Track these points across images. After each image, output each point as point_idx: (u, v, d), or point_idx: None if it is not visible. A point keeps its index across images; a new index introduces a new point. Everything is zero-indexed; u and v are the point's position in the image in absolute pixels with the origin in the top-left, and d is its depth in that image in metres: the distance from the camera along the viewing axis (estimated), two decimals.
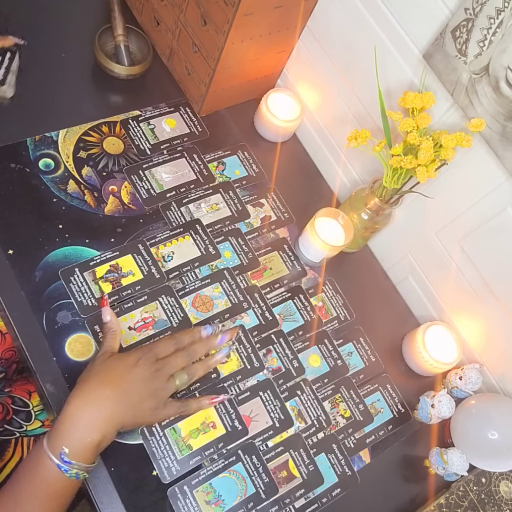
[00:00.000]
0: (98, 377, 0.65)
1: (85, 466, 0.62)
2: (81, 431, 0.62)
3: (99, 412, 0.63)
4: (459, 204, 0.80)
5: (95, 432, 0.62)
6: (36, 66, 0.91)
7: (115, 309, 0.78)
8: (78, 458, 0.61)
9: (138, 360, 0.67)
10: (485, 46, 0.66)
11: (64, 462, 0.60)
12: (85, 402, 0.63)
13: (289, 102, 0.97)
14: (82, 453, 0.61)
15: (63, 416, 0.62)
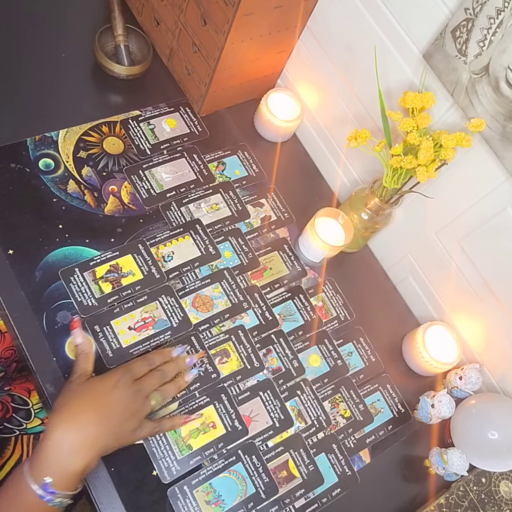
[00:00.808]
0: (78, 401, 0.64)
1: (68, 494, 0.61)
2: (64, 460, 0.60)
3: (82, 439, 0.61)
4: (459, 204, 0.80)
5: (80, 460, 0.60)
6: (36, 66, 0.91)
7: (115, 309, 0.78)
8: (62, 487, 0.60)
9: (117, 381, 0.66)
10: (485, 46, 0.66)
11: (47, 492, 0.59)
12: (68, 428, 0.61)
13: (289, 102, 0.97)
14: (66, 481, 0.60)
15: (45, 444, 0.60)
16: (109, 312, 0.78)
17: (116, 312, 0.78)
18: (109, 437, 0.63)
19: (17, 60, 0.91)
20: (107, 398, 0.65)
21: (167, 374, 0.71)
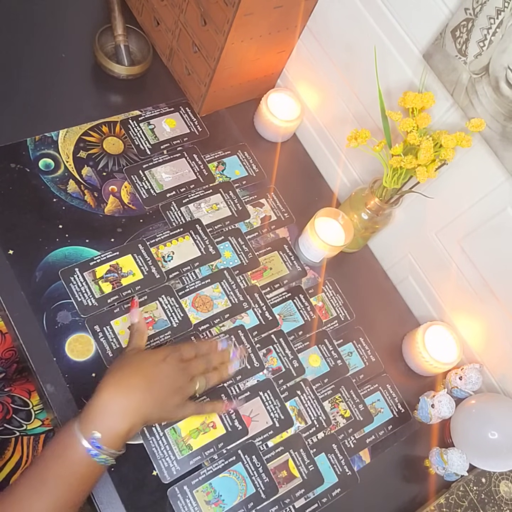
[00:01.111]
0: (128, 368, 0.67)
1: (113, 452, 0.63)
2: (112, 418, 0.63)
3: (129, 401, 0.64)
4: (459, 204, 0.80)
5: (125, 420, 0.63)
6: (36, 66, 0.91)
7: (115, 309, 0.78)
8: (108, 444, 0.62)
9: (166, 357, 0.69)
10: (485, 46, 0.66)
11: (95, 446, 0.61)
12: (117, 390, 0.64)
13: (289, 102, 0.97)
14: (112, 439, 0.62)
15: (94, 402, 0.63)
16: (109, 312, 0.78)
17: (116, 312, 0.78)
18: (153, 406, 0.66)
19: (17, 60, 0.91)
20: (156, 370, 0.68)
21: (211, 362, 0.74)
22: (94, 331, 0.76)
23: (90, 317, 0.77)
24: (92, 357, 0.75)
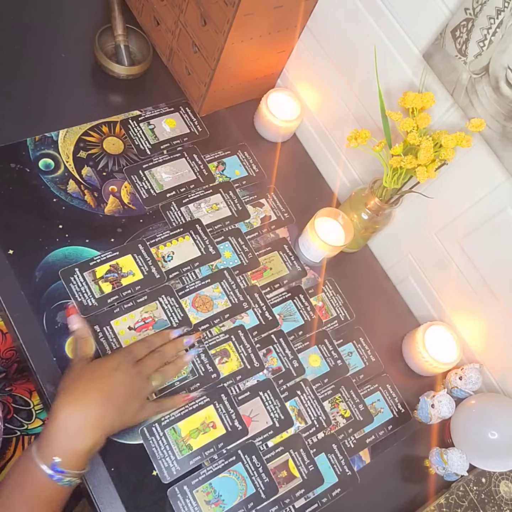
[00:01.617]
0: (81, 382, 0.65)
1: (77, 473, 0.62)
2: (71, 439, 0.61)
3: (87, 418, 0.62)
4: (459, 204, 0.80)
5: (86, 439, 0.62)
6: (36, 66, 0.91)
7: (115, 309, 0.78)
8: (70, 466, 0.61)
9: (119, 363, 0.68)
10: (485, 46, 0.66)
11: (57, 471, 0.60)
12: (73, 409, 0.62)
13: (289, 102, 0.97)
14: (74, 461, 0.61)
15: (51, 425, 0.62)
16: (109, 312, 0.78)
17: (116, 312, 0.78)
18: (114, 417, 0.65)
19: (17, 60, 0.91)
20: (110, 379, 0.66)
21: (166, 354, 0.73)
22: (94, 331, 0.76)
23: (90, 317, 0.77)
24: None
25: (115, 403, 0.65)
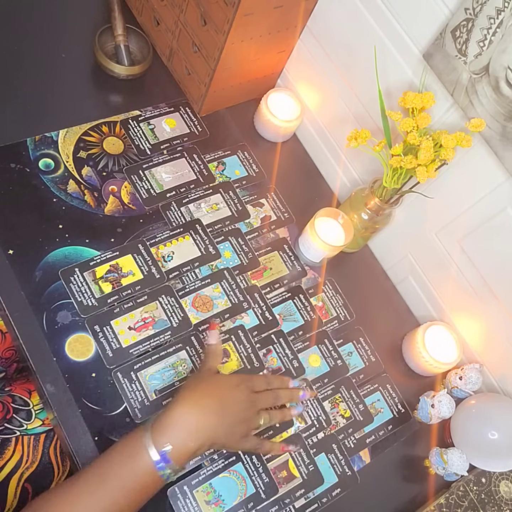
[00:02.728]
0: (205, 388, 0.67)
1: (178, 469, 0.63)
2: (185, 434, 0.63)
3: (203, 420, 0.64)
4: (459, 204, 0.80)
5: (196, 439, 0.63)
6: (36, 66, 0.91)
7: (115, 309, 0.78)
8: (176, 459, 0.62)
9: (240, 384, 0.70)
10: (485, 46, 0.66)
11: (163, 459, 0.61)
12: (193, 407, 0.64)
13: (289, 102, 0.97)
14: (181, 455, 0.62)
15: (167, 416, 0.63)
16: (109, 312, 0.78)
17: (116, 312, 0.78)
18: (222, 430, 0.66)
19: (17, 60, 0.91)
20: (230, 394, 0.68)
21: (280, 398, 0.74)
22: (94, 331, 0.76)
23: (90, 317, 0.77)
24: (92, 357, 0.75)
25: (228, 417, 0.66)
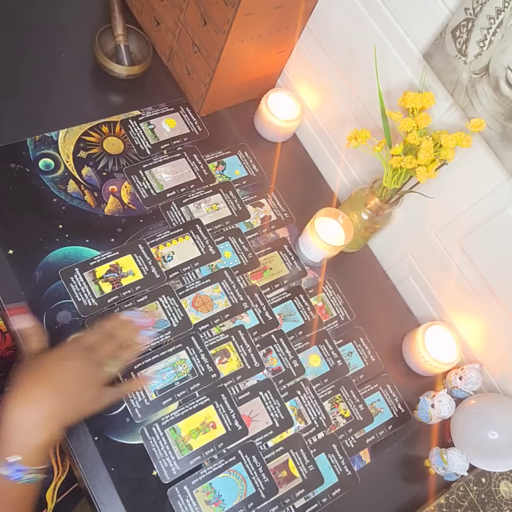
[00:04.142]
0: (30, 378, 0.63)
1: (39, 469, 0.60)
2: (25, 436, 0.60)
3: (38, 414, 0.61)
4: (459, 204, 0.80)
5: (40, 434, 0.61)
6: (36, 66, 0.91)
7: (115, 309, 0.78)
8: (31, 462, 0.59)
9: (67, 353, 0.66)
10: (485, 46, 0.66)
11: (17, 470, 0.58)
12: (21, 407, 0.61)
13: (289, 102, 0.97)
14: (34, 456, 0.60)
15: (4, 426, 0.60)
16: (109, 312, 0.78)
17: (116, 312, 0.78)
18: (67, 408, 0.63)
19: (17, 60, 0.91)
20: (58, 371, 0.64)
21: (118, 338, 0.70)
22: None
23: (90, 317, 0.77)
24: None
25: (65, 395, 0.63)
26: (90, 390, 0.65)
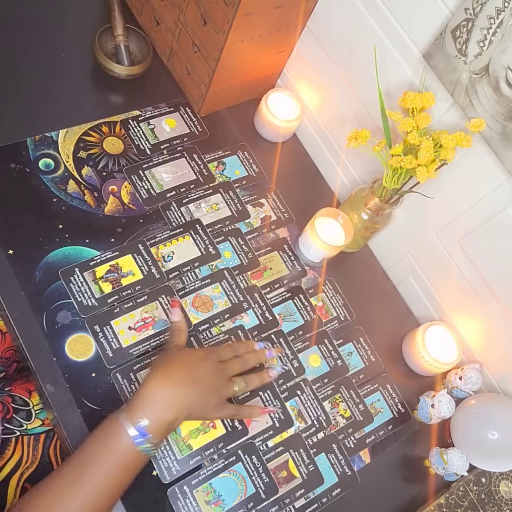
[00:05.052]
0: (173, 362, 0.69)
1: (157, 442, 0.64)
2: (159, 407, 0.65)
3: (175, 392, 0.66)
4: (459, 204, 0.80)
5: (171, 412, 0.65)
6: (36, 66, 0.91)
7: (115, 309, 0.78)
8: (154, 432, 0.64)
9: (206, 356, 0.72)
10: (485, 46, 0.66)
11: (141, 434, 0.62)
12: (164, 381, 0.67)
13: (289, 102, 0.97)
14: (158, 428, 0.64)
15: (140, 393, 0.65)
16: (109, 312, 0.78)
17: (116, 312, 0.78)
18: (196, 401, 0.68)
19: (17, 60, 0.91)
20: (198, 366, 0.70)
21: (247, 362, 0.75)
22: (94, 331, 0.76)
23: (90, 317, 0.77)
24: (92, 357, 0.75)
25: (199, 388, 0.68)
26: (216, 396, 0.70)
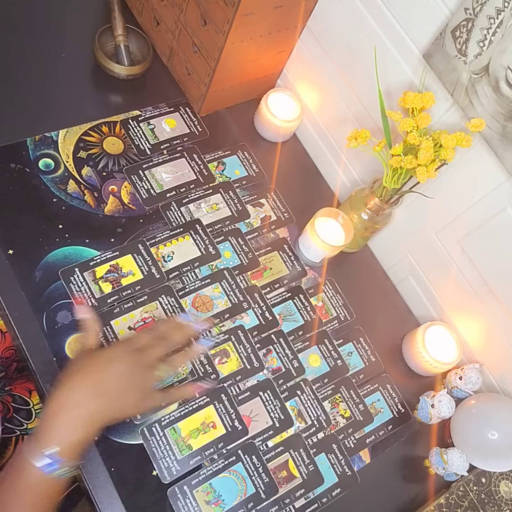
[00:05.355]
0: (77, 375, 0.64)
1: (73, 463, 0.61)
2: (64, 431, 0.61)
3: (79, 413, 0.62)
4: (459, 204, 0.80)
5: (79, 432, 0.62)
6: (36, 66, 0.91)
7: (115, 309, 0.78)
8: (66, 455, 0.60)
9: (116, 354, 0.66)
10: (485, 46, 0.66)
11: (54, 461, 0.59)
12: (64, 402, 0.62)
13: (289, 102, 0.97)
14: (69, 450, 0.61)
15: (45, 416, 0.62)
16: (109, 312, 0.78)
17: (116, 312, 0.78)
18: (108, 410, 0.64)
19: (17, 60, 0.91)
20: (105, 372, 0.65)
21: (171, 342, 0.70)
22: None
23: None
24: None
25: (109, 397, 0.64)
26: (136, 393, 0.66)
